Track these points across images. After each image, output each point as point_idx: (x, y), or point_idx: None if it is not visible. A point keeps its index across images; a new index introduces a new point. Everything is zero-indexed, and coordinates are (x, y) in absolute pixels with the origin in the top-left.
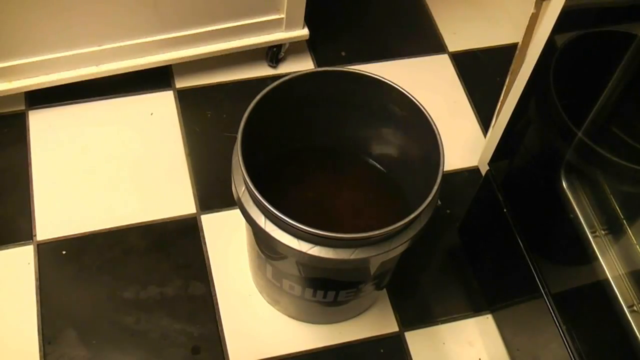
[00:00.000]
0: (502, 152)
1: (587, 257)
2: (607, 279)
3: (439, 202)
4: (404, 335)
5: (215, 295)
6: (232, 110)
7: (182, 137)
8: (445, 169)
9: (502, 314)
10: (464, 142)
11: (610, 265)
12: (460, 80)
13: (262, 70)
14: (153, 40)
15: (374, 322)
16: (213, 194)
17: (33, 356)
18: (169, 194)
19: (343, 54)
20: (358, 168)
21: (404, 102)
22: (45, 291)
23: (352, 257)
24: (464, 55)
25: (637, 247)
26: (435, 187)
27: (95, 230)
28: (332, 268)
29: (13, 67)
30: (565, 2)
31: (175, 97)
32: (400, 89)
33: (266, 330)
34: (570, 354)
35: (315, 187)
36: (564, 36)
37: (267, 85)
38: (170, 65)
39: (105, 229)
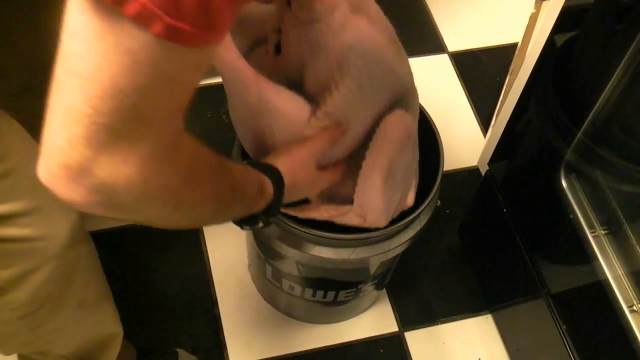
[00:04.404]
0: (502, 152)
1: (586, 257)
2: (607, 279)
3: (439, 202)
4: (404, 335)
5: (215, 295)
6: None
7: None
8: (445, 169)
9: (502, 314)
10: (464, 142)
11: (609, 265)
12: (460, 80)
13: None
14: None
15: (374, 322)
16: None
17: None
18: None
19: None
20: None
21: None
22: None
23: (352, 257)
24: (464, 55)
25: (637, 247)
26: (435, 187)
27: (95, 230)
28: (332, 268)
29: None
30: (565, 2)
31: None
32: None
33: (266, 330)
34: (570, 354)
35: None
36: (564, 36)
37: None
38: None
39: (106, 229)
